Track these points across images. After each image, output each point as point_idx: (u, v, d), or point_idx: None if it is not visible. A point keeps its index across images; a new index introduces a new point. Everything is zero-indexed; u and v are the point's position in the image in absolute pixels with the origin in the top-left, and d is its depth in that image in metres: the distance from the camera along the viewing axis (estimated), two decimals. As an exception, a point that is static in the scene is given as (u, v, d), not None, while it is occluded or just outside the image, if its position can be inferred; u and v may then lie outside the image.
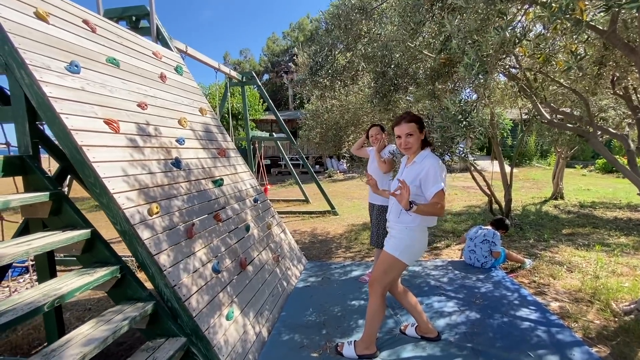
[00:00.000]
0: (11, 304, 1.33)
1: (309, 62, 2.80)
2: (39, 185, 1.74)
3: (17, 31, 1.71)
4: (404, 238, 1.92)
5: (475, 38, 1.88)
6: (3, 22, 1.66)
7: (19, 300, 1.37)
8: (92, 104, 1.94)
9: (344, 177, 14.30)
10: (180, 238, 2.11)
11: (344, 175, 14.71)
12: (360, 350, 2.08)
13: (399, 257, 1.91)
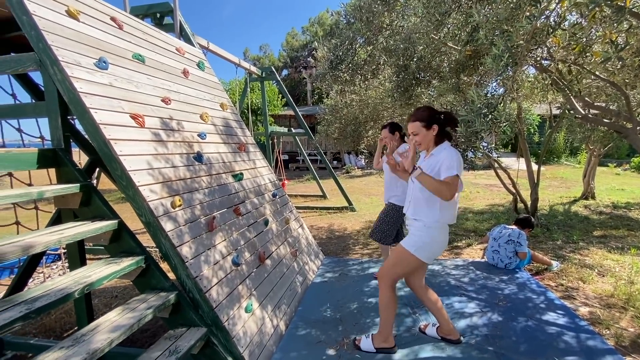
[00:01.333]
0: (45, 290, 1.40)
1: (329, 56, 2.77)
2: (70, 177, 1.82)
3: (51, 29, 1.78)
4: (422, 236, 1.88)
5: (505, 28, 1.79)
6: (38, 20, 1.73)
7: (52, 286, 1.44)
8: (119, 99, 2.00)
9: (362, 173, 14.20)
10: (202, 231, 2.15)
11: (362, 172, 14.60)
12: (378, 343, 2.07)
13: (415, 253, 1.87)
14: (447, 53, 2.83)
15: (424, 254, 1.88)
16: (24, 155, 1.65)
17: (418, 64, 2.80)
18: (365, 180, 12.33)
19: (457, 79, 2.73)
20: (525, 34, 1.73)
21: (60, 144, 1.85)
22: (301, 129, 7.65)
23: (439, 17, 2.13)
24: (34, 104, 2.20)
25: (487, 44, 1.89)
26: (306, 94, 21.81)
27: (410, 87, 2.95)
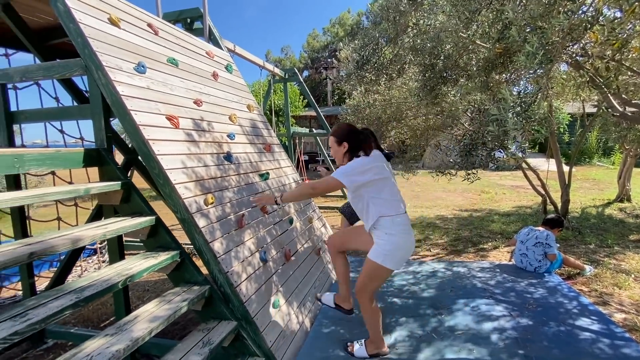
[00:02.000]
0: (92, 280, 1.50)
1: (355, 56, 2.79)
2: (112, 175, 1.93)
3: (95, 36, 1.90)
4: (384, 244, 1.85)
5: (539, 24, 1.74)
6: (84, 28, 1.85)
7: (97, 277, 1.54)
8: (156, 101, 2.11)
9: (382, 174, 14.10)
10: (232, 227, 2.22)
11: (382, 172, 14.49)
12: (371, 350, 2.08)
13: (382, 263, 1.84)
14: (475, 51, 2.78)
15: (390, 263, 1.86)
16: (72, 155, 1.77)
17: (445, 62, 2.76)
18: (385, 180, 12.21)
19: (486, 77, 2.68)
20: (561, 31, 1.68)
21: (103, 144, 1.97)
22: (322, 129, 7.71)
23: (468, 14, 2.10)
24: (79, 106, 2.35)
25: (520, 41, 1.85)
26: (326, 94, 21.85)
27: (436, 86, 2.91)
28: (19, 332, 1.12)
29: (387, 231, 1.83)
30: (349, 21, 20.85)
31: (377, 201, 1.85)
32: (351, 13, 20.92)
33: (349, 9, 20.94)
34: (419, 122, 5.11)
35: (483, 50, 2.75)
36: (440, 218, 6.41)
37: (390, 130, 5.27)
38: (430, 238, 5.11)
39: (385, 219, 1.83)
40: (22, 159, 1.53)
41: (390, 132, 5.32)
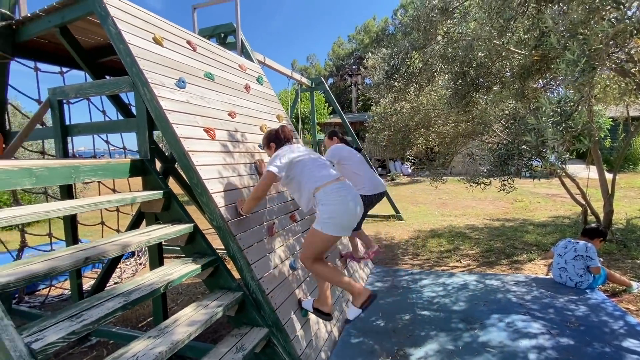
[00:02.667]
0: (137, 285, 1.60)
1: (384, 66, 2.80)
2: (154, 184, 2.05)
3: (142, 55, 2.05)
4: (321, 214, 1.98)
5: (581, 31, 1.68)
6: (132, 48, 2.00)
7: (142, 281, 1.64)
8: (195, 115, 2.22)
9: (409, 181, 13.85)
10: (263, 236, 2.28)
11: (409, 179, 14.24)
12: (316, 305, 2.18)
13: (321, 230, 1.96)
14: (509, 57, 2.71)
15: (328, 229, 1.95)
16: (120, 166, 1.91)
17: (477, 70, 2.72)
18: (411, 187, 12.02)
19: (521, 84, 2.60)
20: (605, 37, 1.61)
21: (147, 155, 2.10)
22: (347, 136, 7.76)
23: (503, 23, 2.06)
24: (126, 120, 2.53)
25: (560, 48, 1.79)
26: (351, 101, 21.89)
27: (468, 94, 2.86)
28: (75, 332, 1.22)
29: (322, 202, 1.96)
30: (374, 28, 20.85)
31: (305, 177, 2.04)
32: (376, 20, 20.94)
33: (374, 16, 20.99)
34: (448, 129, 5.01)
35: (517, 57, 2.67)
36: (471, 227, 6.20)
37: (417, 137, 5.21)
38: (460, 249, 4.95)
39: (318, 192, 1.98)
40: (78, 170, 1.66)
41: (417, 139, 5.25)
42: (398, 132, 5.02)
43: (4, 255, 3.49)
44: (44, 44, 2.73)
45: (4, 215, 1.24)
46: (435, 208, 8.36)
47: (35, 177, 1.49)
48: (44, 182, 1.53)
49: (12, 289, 1.13)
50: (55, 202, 1.54)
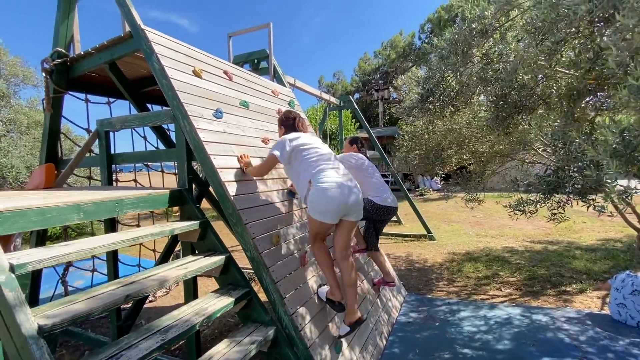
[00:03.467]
0: (173, 320, 1.59)
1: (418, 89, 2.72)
2: (192, 214, 2.08)
3: (182, 88, 2.12)
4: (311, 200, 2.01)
5: (646, 55, 1.53)
6: (174, 82, 2.07)
7: (178, 316, 1.63)
8: (231, 144, 2.26)
9: (438, 197, 13.38)
10: (296, 266, 2.24)
11: (439, 194, 13.76)
12: (329, 294, 2.19)
13: (312, 215, 2.03)
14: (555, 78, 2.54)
15: (315, 214, 2.00)
16: (160, 197, 1.95)
17: (520, 91, 2.57)
18: (442, 204, 11.59)
19: (570, 106, 2.42)
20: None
21: (185, 184, 2.14)
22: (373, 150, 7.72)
23: (551, 45, 1.94)
24: (166, 150, 2.62)
25: (620, 72, 1.64)
26: (377, 115, 21.81)
27: (509, 116, 2.71)
28: (116, 374, 1.22)
29: (313, 189, 2.00)
30: (401, 43, 20.82)
31: (303, 167, 2.07)
32: (403, 35, 20.92)
33: (401, 31, 20.94)
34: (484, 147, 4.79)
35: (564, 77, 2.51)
36: (509, 250, 5.82)
37: (451, 155, 5.02)
38: (500, 275, 4.64)
39: (312, 180, 2.01)
40: (122, 204, 1.71)
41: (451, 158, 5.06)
42: (430, 151, 4.87)
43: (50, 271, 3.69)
44: (94, 77, 2.92)
45: (54, 254, 1.28)
46: (469, 227, 7.98)
47: (83, 212, 1.54)
48: (91, 216, 1.59)
49: (58, 331, 1.15)
50: (99, 237, 1.59)
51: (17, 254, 1.25)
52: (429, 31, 19.37)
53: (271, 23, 3.41)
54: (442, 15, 18.06)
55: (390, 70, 21.44)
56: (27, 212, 1.33)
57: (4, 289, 1.08)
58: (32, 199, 1.56)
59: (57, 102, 2.63)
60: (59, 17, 2.50)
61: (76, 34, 2.55)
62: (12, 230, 1.29)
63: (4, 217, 1.26)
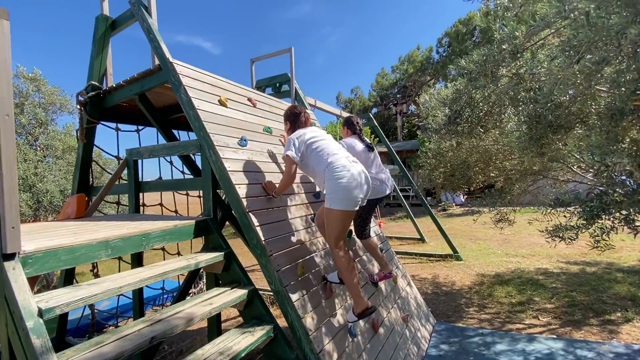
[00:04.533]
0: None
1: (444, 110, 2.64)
2: (216, 244, 2.06)
3: (209, 119, 2.14)
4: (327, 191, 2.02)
5: None
6: (201, 113, 2.10)
7: (202, 355, 1.58)
8: (255, 171, 2.24)
9: (462, 212, 12.94)
10: (321, 298, 2.15)
11: (462, 210, 13.31)
12: (358, 311, 2.09)
13: (329, 206, 2.00)
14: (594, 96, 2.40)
15: (333, 204, 1.98)
16: (186, 228, 1.95)
17: (554, 111, 2.43)
18: (466, 220, 11.17)
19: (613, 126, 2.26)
20: None
21: (210, 213, 2.13)
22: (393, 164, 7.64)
23: (591, 65, 1.82)
24: (192, 179, 2.65)
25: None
26: (396, 128, 21.65)
27: (544, 136, 2.57)
28: None
29: (327, 178, 2.01)
30: (418, 58, 20.78)
31: (316, 160, 2.08)
32: (421, 50, 20.92)
33: (418, 46, 20.93)
34: (513, 164, 4.59)
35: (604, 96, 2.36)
36: (543, 272, 5.47)
37: (477, 174, 4.83)
38: (535, 300, 4.33)
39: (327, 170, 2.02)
40: (148, 237, 1.71)
41: (477, 176, 4.87)
42: (456, 169, 4.71)
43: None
44: (124, 107, 3.03)
45: (82, 295, 1.27)
46: (497, 245, 7.62)
47: (111, 248, 1.54)
48: (119, 252, 1.58)
49: (86, 379, 1.12)
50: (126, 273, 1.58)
51: (45, 296, 1.25)
52: (447, 45, 19.26)
53: (292, 48, 3.45)
54: (460, 28, 17.95)
55: (409, 85, 21.37)
56: (57, 251, 1.33)
57: (31, 336, 1.07)
58: (62, 235, 1.58)
59: (90, 132, 2.73)
60: (93, 52, 2.62)
61: (109, 68, 2.66)
62: (43, 271, 1.30)
63: (35, 258, 1.27)
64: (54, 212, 6.10)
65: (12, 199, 1.14)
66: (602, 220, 2.37)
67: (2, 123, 1.12)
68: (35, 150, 6.87)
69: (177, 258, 1.85)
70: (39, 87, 7.46)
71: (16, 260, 1.20)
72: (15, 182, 1.14)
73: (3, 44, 1.09)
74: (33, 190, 5.94)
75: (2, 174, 1.12)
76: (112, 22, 2.65)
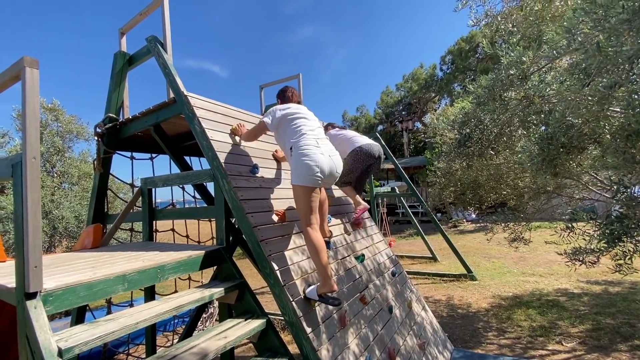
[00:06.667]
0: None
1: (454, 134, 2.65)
2: (229, 273, 2.05)
3: (221, 148, 2.19)
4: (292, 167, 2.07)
5: None
6: (214, 143, 2.15)
7: (218, 391, 1.54)
8: (267, 199, 2.26)
9: (474, 228, 12.66)
10: (336, 328, 2.10)
11: (474, 226, 13.04)
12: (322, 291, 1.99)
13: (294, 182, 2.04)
14: (607, 117, 2.38)
15: (297, 180, 2.02)
16: (199, 258, 1.95)
17: (567, 132, 2.42)
18: (479, 237, 10.93)
19: (628, 147, 2.23)
20: None
21: (223, 242, 2.14)
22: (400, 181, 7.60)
23: (603, 90, 1.82)
24: (205, 208, 2.68)
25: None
26: (402, 145, 21.69)
27: (557, 157, 2.54)
28: None
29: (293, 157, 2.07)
30: (422, 75, 21.08)
31: (288, 133, 2.16)
32: (424, 68, 21.23)
33: (421, 64, 21.27)
34: (526, 182, 4.53)
35: (617, 116, 2.34)
36: (563, 293, 5.27)
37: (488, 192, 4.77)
38: (558, 324, 4.16)
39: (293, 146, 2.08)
40: (164, 269, 1.72)
41: (488, 194, 4.81)
42: (467, 188, 4.66)
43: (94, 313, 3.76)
44: (139, 136, 3.12)
45: (99, 333, 1.27)
46: (512, 264, 7.40)
47: (128, 282, 1.55)
48: (135, 285, 1.59)
49: None
50: (142, 308, 1.58)
51: (64, 334, 1.25)
52: (450, 62, 19.51)
53: (300, 74, 3.54)
54: (463, 46, 18.22)
55: (414, 102, 21.55)
56: (76, 288, 1.35)
57: (52, 379, 1.06)
58: (80, 269, 1.60)
59: (106, 161, 2.81)
60: (111, 85, 2.74)
61: (126, 100, 2.77)
62: (62, 308, 1.31)
63: (55, 296, 1.28)
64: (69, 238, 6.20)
65: (36, 239, 1.17)
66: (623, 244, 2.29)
67: (30, 166, 1.17)
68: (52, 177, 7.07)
69: (191, 290, 1.84)
70: (57, 116, 7.77)
71: (38, 299, 1.21)
72: (39, 222, 1.18)
73: (32, 92, 1.15)
74: (49, 216, 6.07)
75: (27, 214, 1.15)
76: (130, 57, 2.78)
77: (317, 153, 2.03)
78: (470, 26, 2.84)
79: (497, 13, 2.87)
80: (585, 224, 2.56)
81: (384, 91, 23.69)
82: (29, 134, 1.17)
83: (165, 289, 6.05)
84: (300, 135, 2.11)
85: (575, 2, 2.34)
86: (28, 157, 1.17)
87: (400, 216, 15.63)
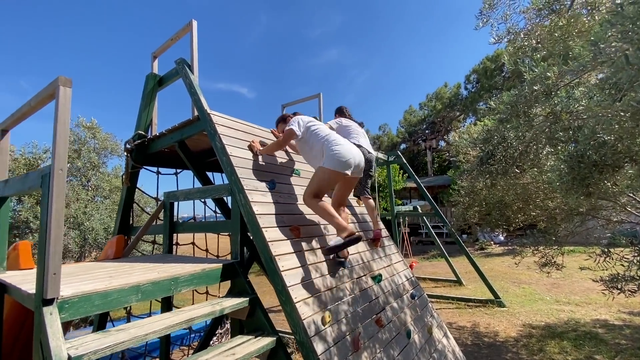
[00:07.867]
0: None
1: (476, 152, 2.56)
2: (241, 288, 2.04)
3: (240, 164, 2.24)
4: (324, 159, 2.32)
5: None
6: (233, 159, 2.20)
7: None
8: (282, 214, 2.26)
9: (502, 251, 12.02)
10: (348, 351, 2.02)
11: (502, 249, 12.38)
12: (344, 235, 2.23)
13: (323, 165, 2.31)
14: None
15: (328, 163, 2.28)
16: (213, 272, 1.97)
17: (599, 150, 2.28)
18: (507, 260, 10.33)
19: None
20: None
21: (237, 256, 2.15)
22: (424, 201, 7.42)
23: (636, 104, 1.71)
24: (224, 222, 2.74)
25: None
26: (426, 163, 21.31)
27: (588, 176, 2.39)
28: None
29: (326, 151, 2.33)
30: (446, 94, 20.89)
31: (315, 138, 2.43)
32: (448, 87, 21.06)
33: (445, 84, 21.13)
34: (557, 203, 4.28)
35: (656, 133, 2.18)
36: (602, 325, 4.82)
37: (515, 213, 4.54)
38: (596, 359, 3.79)
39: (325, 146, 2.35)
40: (177, 281, 1.74)
41: (516, 215, 4.57)
42: (492, 208, 4.47)
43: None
44: (164, 152, 3.27)
45: (109, 342, 1.29)
46: (544, 290, 6.91)
47: (142, 292, 1.58)
48: (149, 296, 1.61)
49: None
50: (154, 319, 1.59)
51: (76, 342, 1.28)
52: (475, 81, 19.26)
53: (321, 94, 3.61)
54: (488, 65, 17.98)
55: (437, 120, 21.30)
56: (91, 297, 1.38)
57: (61, 385, 1.08)
58: (98, 278, 1.65)
59: (134, 176, 2.95)
60: (142, 105, 2.91)
61: (154, 118, 2.93)
62: (77, 316, 1.34)
63: (71, 304, 1.32)
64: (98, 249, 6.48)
65: (57, 247, 1.22)
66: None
67: (57, 176, 1.24)
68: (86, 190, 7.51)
69: (203, 303, 1.85)
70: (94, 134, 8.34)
71: (54, 306, 1.26)
72: (61, 231, 1.23)
73: (64, 109, 1.24)
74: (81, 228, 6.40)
75: (51, 222, 1.22)
76: (160, 79, 2.96)
77: (347, 146, 2.37)
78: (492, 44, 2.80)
79: (520, 30, 2.82)
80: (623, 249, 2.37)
81: (407, 110, 23.65)
82: (58, 147, 1.25)
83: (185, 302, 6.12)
84: (326, 136, 2.41)
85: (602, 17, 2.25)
86: (55, 168, 1.24)
87: (424, 236, 15.15)
